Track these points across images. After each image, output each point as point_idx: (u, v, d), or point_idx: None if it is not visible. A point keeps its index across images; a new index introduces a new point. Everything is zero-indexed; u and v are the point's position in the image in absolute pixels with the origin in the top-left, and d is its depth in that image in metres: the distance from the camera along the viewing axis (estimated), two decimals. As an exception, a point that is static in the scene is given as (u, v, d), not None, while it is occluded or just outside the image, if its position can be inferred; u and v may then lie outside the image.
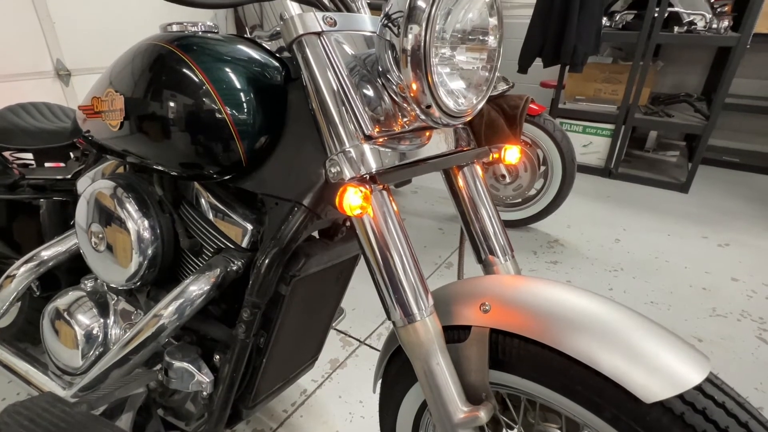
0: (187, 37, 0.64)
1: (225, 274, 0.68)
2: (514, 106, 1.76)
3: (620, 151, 2.90)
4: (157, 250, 0.74)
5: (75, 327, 0.85)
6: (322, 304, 0.87)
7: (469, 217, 0.70)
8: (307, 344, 0.91)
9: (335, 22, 0.55)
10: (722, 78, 2.48)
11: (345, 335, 1.47)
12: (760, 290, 1.77)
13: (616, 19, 2.75)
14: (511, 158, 0.74)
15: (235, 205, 0.71)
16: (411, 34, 0.49)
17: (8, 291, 0.92)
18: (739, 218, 2.41)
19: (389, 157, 0.56)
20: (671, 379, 0.43)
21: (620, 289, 1.77)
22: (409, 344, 0.55)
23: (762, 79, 3.10)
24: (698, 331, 1.54)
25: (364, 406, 1.19)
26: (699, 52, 3.24)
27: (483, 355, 0.54)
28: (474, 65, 0.58)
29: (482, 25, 0.56)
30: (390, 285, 0.54)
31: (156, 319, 0.68)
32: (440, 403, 0.54)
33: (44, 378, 0.90)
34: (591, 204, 2.56)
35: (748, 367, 1.38)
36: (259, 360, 0.75)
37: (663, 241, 2.15)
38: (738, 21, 2.57)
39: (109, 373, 0.74)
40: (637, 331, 0.47)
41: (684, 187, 2.75)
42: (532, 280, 0.56)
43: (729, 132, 3.33)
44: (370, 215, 0.54)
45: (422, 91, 0.51)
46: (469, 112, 0.58)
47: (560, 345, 0.48)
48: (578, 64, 2.37)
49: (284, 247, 0.62)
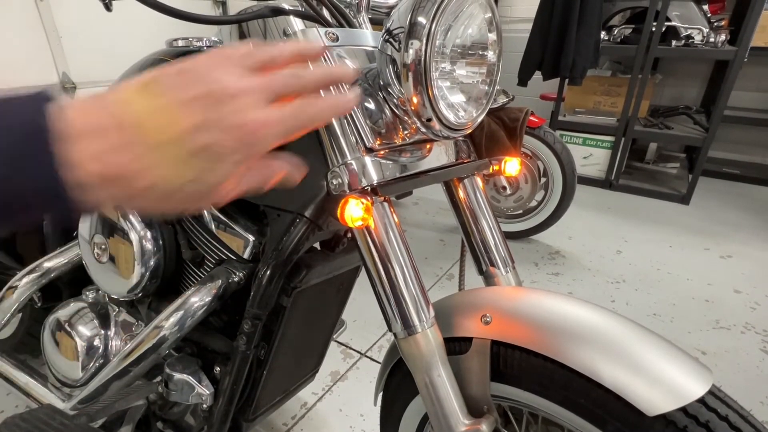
0: (193, 52, 0.65)
1: (226, 285, 0.69)
2: (515, 118, 1.78)
3: (620, 162, 2.91)
4: (159, 261, 0.74)
5: (75, 338, 0.84)
6: (323, 315, 0.87)
7: (470, 228, 0.70)
8: (307, 356, 0.91)
9: (337, 38, 0.56)
10: (721, 91, 2.50)
11: (346, 347, 1.46)
12: (763, 302, 1.76)
13: (615, 33, 2.79)
14: (511, 170, 0.75)
15: (237, 216, 0.71)
16: (412, 49, 0.50)
17: (10, 302, 0.92)
18: (740, 230, 2.40)
19: (390, 169, 0.56)
20: (674, 392, 0.43)
21: (622, 301, 1.76)
22: (410, 356, 0.54)
23: (761, 91, 3.13)
24: (701, 343, 1.52)
25: (365, 420, 1.18)
26: (697, 66, 3.27)
27: (484, 367, 0.54)
28: (474, 79, 0.58)
29: (482, 41, 0.57)
30: (391, 296, 0.54)
31: (157, 330, 0.68)
32: (441, 415, 0.53)
33: (43, 390, 0.89)
34: (592, 215, 2.56)
35: (752, 380, 1.36)
36: (259, 372, 0.75)
37: (665, 252, 2.14)
38: (735, 35, 2.60)
39: (109, 385, 0.73)
40: (639, 343, 0.47)
41: (685, 199, 2.75)
42: (533, 292, 0.56)
43: (729, 144, 3.34)
44: (371, 227, 0.54)
45: (423, 104, 0.52)
46: (469, 124, 0.59)
47: (562, 357, 0.47)
48: (577, 77, 2.39)
49: (286, 258, 0.63)
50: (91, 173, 0.26)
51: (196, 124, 0.28)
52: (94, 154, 0.26)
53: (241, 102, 0.28)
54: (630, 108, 2.75)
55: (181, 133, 0.27)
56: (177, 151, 0.28)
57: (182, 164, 0.28)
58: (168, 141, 0.27)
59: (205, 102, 0.28)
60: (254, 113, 0.29)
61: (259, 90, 0.29)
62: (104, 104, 0.27)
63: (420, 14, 0.49)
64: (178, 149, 0.28)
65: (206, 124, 0.28)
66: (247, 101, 0.29)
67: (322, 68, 0.34)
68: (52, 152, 0.25)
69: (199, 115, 0.28)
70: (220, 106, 0.28)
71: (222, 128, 0.28)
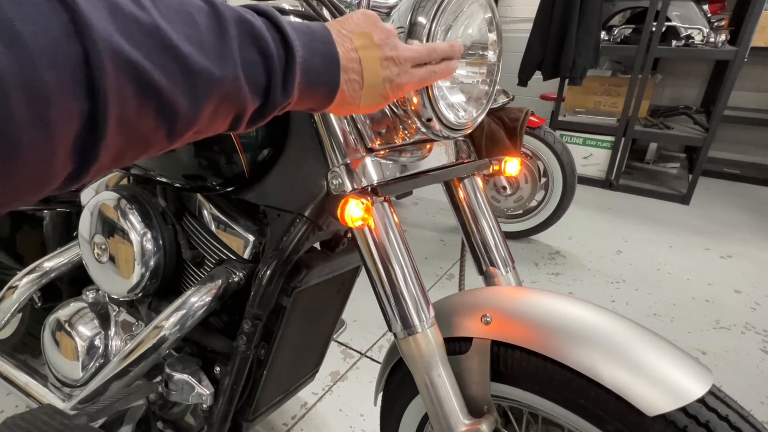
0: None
1: (226, 285, 0.69)
2: (515, 118, 1.78)
3: (620, 162, 2.91)
4: (159, 261, 0.74)
5: (76, 338, 0.84)
6: (323, 315, 0.87)
7: (470, 228, 0.70)
8: (307, 356, 0.91)
9: (337, 38, 0.56)
10: (721, 91, 2.50)
11: (346, 347, 1.46)
12: (763, 302, 1.76)
13: (615, 33, 2.79)
14: (511, 170, 0.75)
15: (238, 216, 0.71)
16: (412, 49, 0.50)
17: (10, 302, 0.92)
18: (740, 230, 2.40)
19: (390, 169, 0.56)
20: (674, 392, 0.43)
21: (622, 301, 1.76)
22: (410, 356, 0.55)
23: (761, 91, 3.13)
24: (702, 343, 1.52)
25: (365, 420, 1.18)
26: (697, 66, 3.27)
27: (484, 367, 0.54)
28: (474, 79, 0.59)
29: (482, 41, 0.57)
30: (391, 296, 0.54)
31: (157, 330, 0.68)
32: (442, 415, 0.53)
33: (44, 390, 0.89)
34: (592, 215, 2.56)
35: (753, 380, 1.36)
36: (259, 372, 0.75)
37: (665, 252, 2.15)
38: (735, 35, 2.60)
39: (109, 384, 0.73)
40: (639, 343, 0.47)
41: (685, 199, 2.75)
42: (533, 292, 0.56)
43: (729, 144, 3.34)
44: (371, 227, 0.54)
45: (423, 104, 0.52)
46: (469, 125, 0.59)
47: (562, 357, 0.48)
48: (577, 78, 2.39)
49: (286, 258, 0.63)
50: (342, 92, 0.39)
51: (386, 77, 0.42)
52: (345, 81, 0.39)
53: (406, 66, 0.43)
54: (630, 108, 2.75)
55: (380, 81, 0.42)
56: (375, 91, 0.42)
57: (375, 99, 0.43)
58: (373, 84, 0.41)
59: (392, 62, 0.42)
60: (410, 76, 0.44)
61: (414, 59, 0.44)
62: (350, 46, 0.39)
63: (420, 14, 0.49)
64: (376, 91, 0.42)
65: (390, 79, 0.42)
66: (408, 66, 0.44)
67: (443, 47, 0.47)
68: (338, 74, 0.38)
69: (389, 71, 0.42)
70: (397, 68, 0.43)
71: (395, 84, 0.43)
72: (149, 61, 0.25)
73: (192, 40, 0.27)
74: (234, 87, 0.30)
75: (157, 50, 0.25)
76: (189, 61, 0.27)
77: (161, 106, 0.26)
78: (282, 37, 0.33)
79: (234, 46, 0.30)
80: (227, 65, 0.29)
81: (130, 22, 0.24)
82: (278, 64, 0.32)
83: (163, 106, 0.26)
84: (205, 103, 0.28)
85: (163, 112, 0.26)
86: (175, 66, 0.26)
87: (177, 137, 0.29)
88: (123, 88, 0.24)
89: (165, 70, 0.26)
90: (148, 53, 0.25)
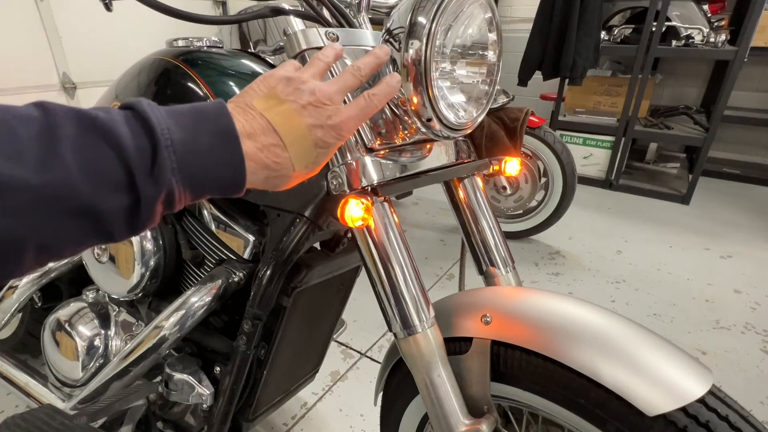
0: (192, 52, 0.65)
1: (226, 285, 0.69)
2: (515, 118, 1.78)
3: (620, 162, 2.91)
4: (159, 261, 0.74)
5: (76, 338, 0.84)
6: (323, 315, 0.87)
7: (470, 228, 0.70)
8: (307, 356, 0.91)
9: (337, 38, 0.56)
10: (721, 91, 2.50)
11: (346, 347, 1.46)
12: (763, 302, 1.76)
13: (615, 33, 2.79)
14: (511, 170, 0.75)
15: (238, 216, 0.71)
16: (412, 49, 0.50)
17: (10, 302, 0.92)
18: (740, 230, 2.40)
19: (390, 169, 0.56)
20: (674, 392, 0.43)
21: (622, 301, 1.76)
22: (410, 356, 0.54)
23: (761, 91, 3.12)
24: (702, 343, 1.52)
25: (365, 420, 1.18)
26: (697, 66, 3.27)
27: (484, 367, 0.54)
28: (474, 79, 0.58)
29: (482, 41, 0.57)
30: (391, 296, 0.54)
31: (157, 330, 0.68)
32: (441, 415, 0.53)
33: (44, 390, 0.89)
34: (592, 215, 2.56)
35: (753, 381, 1.36)
36: (259, 372, 0.75)
37: (665, 252, 2.14)
38: (735, 35, 2.60)
39: (109, 384, 0.73)
40: (639, 343, 0.47)
41: (685, 199, 2.75)
42: (533, 292, 0.56)
43: (729, 144, 3.34)
44: (371, 227, 0.54)
45: (423, 104, 0.52)
46: (469, 124, 0.59)
47: (562, 357, 0.48)
48: (577, 78, 2.39)
49: (286, 258, 0.63)
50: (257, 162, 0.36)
51: (311, 125, 0.39)
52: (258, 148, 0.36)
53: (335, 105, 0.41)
54: (630, 108, 2.75)
55: (306, 133, 0.39)
56: (305, 145, 0.39)
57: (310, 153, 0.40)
58: (298, 140, 0.38)
59: (312, 108, 0.39)
60: (346, 111, 0.41)
61: (340, 90, 0.42)
62: (253, 113, 0.37)
63: (420, 14, 0.49)
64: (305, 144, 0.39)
65: (318, 125, 0.39)
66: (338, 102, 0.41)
67: (367, 60, 0.45)
68: (239, 148, 0.35)
69: (312, 119, 0.39)
70: (323, 110, 0.40)
71: (327, 129, 0.40)
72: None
73: (3, 152, 0.26)
74: (67, 189, 0.27)
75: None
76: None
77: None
78: (145, 125, 0.31)
79: (64, 149, 0.28)
80: (52, 169, 0.27)
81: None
82: (138, 155, 0.30)
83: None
84: (28, 215, 0.26)
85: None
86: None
87: (28, 262, 0.27)
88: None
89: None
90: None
